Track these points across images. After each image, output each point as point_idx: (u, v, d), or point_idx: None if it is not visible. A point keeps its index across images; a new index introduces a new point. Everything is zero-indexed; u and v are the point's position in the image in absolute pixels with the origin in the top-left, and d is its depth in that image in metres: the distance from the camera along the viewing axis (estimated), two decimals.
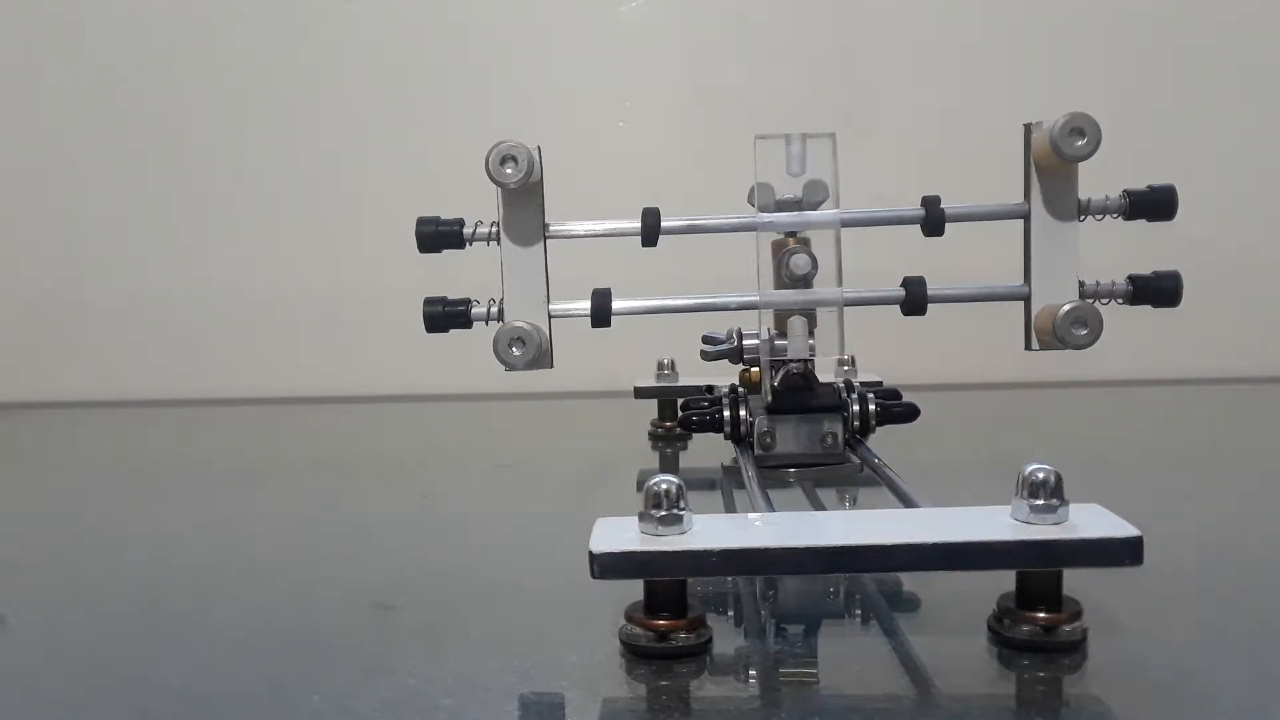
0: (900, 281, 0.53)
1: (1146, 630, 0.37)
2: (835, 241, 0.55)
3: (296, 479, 0.69)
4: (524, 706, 0.32)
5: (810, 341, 0.53)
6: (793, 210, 0.53)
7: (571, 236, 0.52)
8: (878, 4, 1.00)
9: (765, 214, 0.53)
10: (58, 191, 1.04)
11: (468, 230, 0.52)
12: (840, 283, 0.52)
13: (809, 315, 0.52)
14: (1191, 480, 0.63)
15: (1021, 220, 0.53)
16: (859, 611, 0.41)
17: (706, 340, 0.56)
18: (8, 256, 1.04)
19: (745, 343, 0.55)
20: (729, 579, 0.42)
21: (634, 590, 0.35)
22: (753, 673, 0.35)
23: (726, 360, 0.56)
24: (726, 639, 0.37)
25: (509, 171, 0.49)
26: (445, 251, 0.53)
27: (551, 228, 0.52)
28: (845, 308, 0.52)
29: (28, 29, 1.03)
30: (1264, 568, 0.46)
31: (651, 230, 0.52)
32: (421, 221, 0.52)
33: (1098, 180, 0.61)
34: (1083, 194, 0.54)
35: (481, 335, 1.04)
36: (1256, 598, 0.41)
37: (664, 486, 0.34)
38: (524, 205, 0.51)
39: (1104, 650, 0.35)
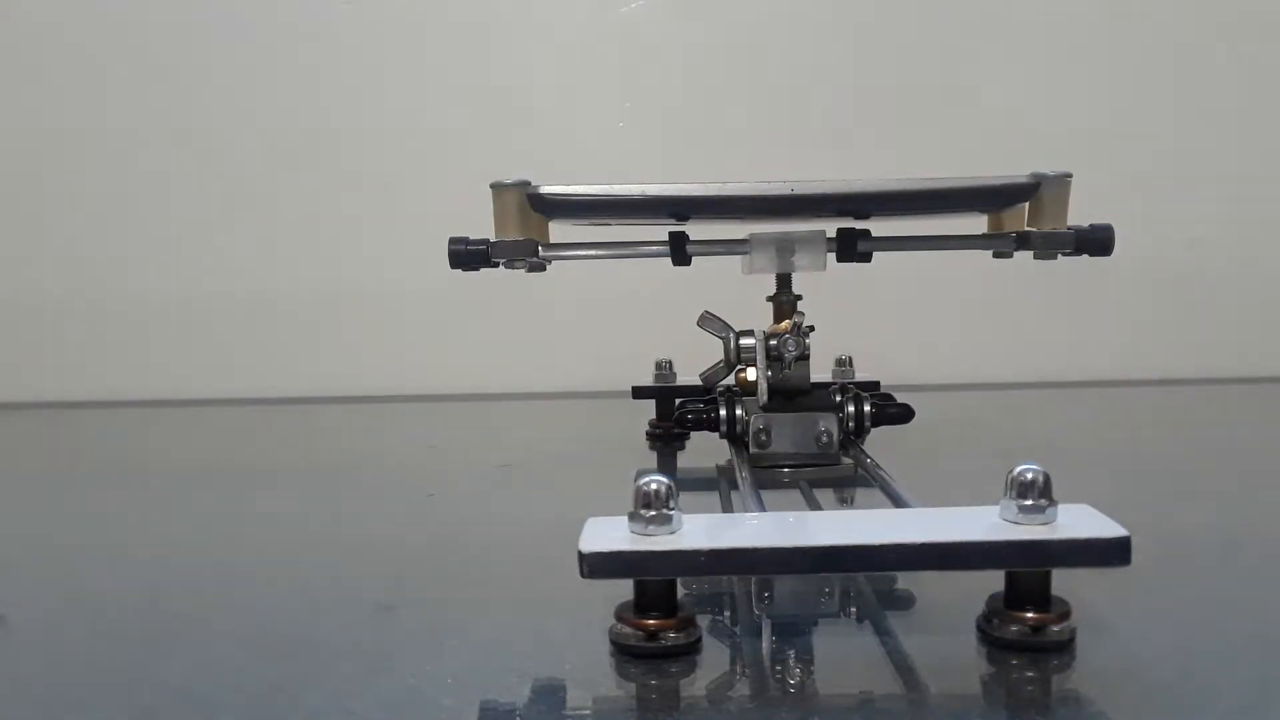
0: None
1: (1135, 631, 0.38)
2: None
3: (296, 479, 0.69)
4: (522, 706, 0.33)
5: (806, 341, 0.54)
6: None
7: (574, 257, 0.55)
8: (877, 5, 1.00)
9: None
10: (58, 192, 1.04)
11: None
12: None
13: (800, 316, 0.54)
14: (1189, 480, 0.63)
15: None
16: (848, 611, 0.41)
17: (706, 319, 0.56)
18: (8, 257, 1.05)
19: (742, 342, 0.55)
20: (722, 578, 0.43)
21: (630, 589, 0.36)
22: (742, 672, 0.35)
23: (723, 365, 0.57)
24: (717, 638, 0.37)
25: None
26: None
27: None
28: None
29: (28, 30, 1.03)
30: (1261, 568, 0.46)
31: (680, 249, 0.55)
32: (453, 241, 0.55)
33: (1099, 180, 0.61)
34: (1081, 196, 0.54)
35: (480, 336, 1.05)
36: (1251, 599, 0.41)
37: (653, 486, 0.34)
38: None
39: (1092, 650, 0.35)
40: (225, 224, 1.03)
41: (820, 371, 0.60)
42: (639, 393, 0.75)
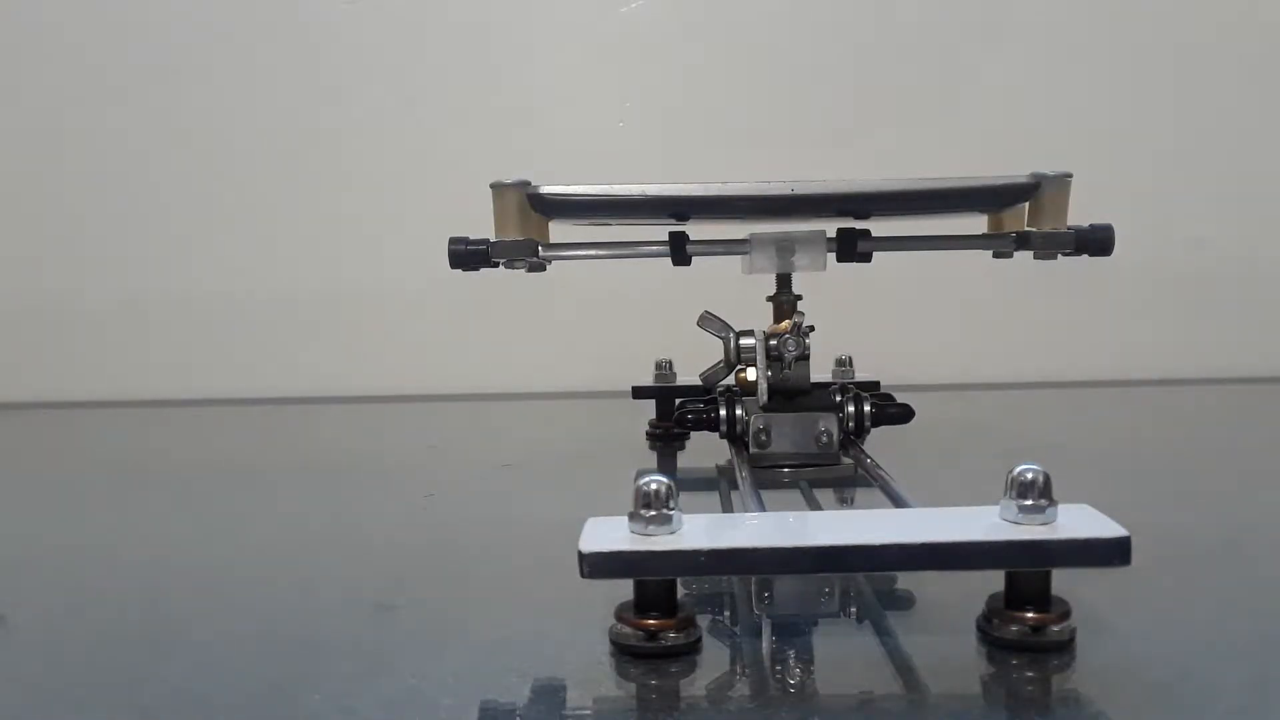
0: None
1: (1135, 631, 0.38)
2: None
3: (296, 479, 0.69)
4: (522, 706, 0.33)
5: (806, 341, 0.54)
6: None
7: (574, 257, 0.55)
8: (877, 5, 1.00)
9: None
10: (58, 192, 1.04)
11: None
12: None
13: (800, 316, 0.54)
14: (1189, 480, 0.63)
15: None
16: (848, 611, 0.41)
17: (706, 319, 0.56)
18: (8, 257, 1.05)
19: (742, 342, 0.55)
20: (722, 578, 0.43)
21: (630, 589, 0.36)
22: (742, 672, 0.35)
23: (723, 365, 0.57)
24: (717, 638, 0.37)
25: None
26: None
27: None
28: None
29: (27, 30, 1.03)
30: (1261, 568, 0.46)
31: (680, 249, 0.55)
32: (453, 241, 0.55)
33: (1099, 180, 0.61)
34: (1081, 196, 0.54)
35: (480, 336, 1.05)
36: (1251, 599, 0.41)
37: (654, 486, 0.34)
38: None
39: (1092, 650, 0.35)
40: (225, 224, 1.03)
41: (820, 371, 0.60)
42: (639, 393, 0.75)
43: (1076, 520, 0.34)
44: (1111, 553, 0.33)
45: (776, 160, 0.91)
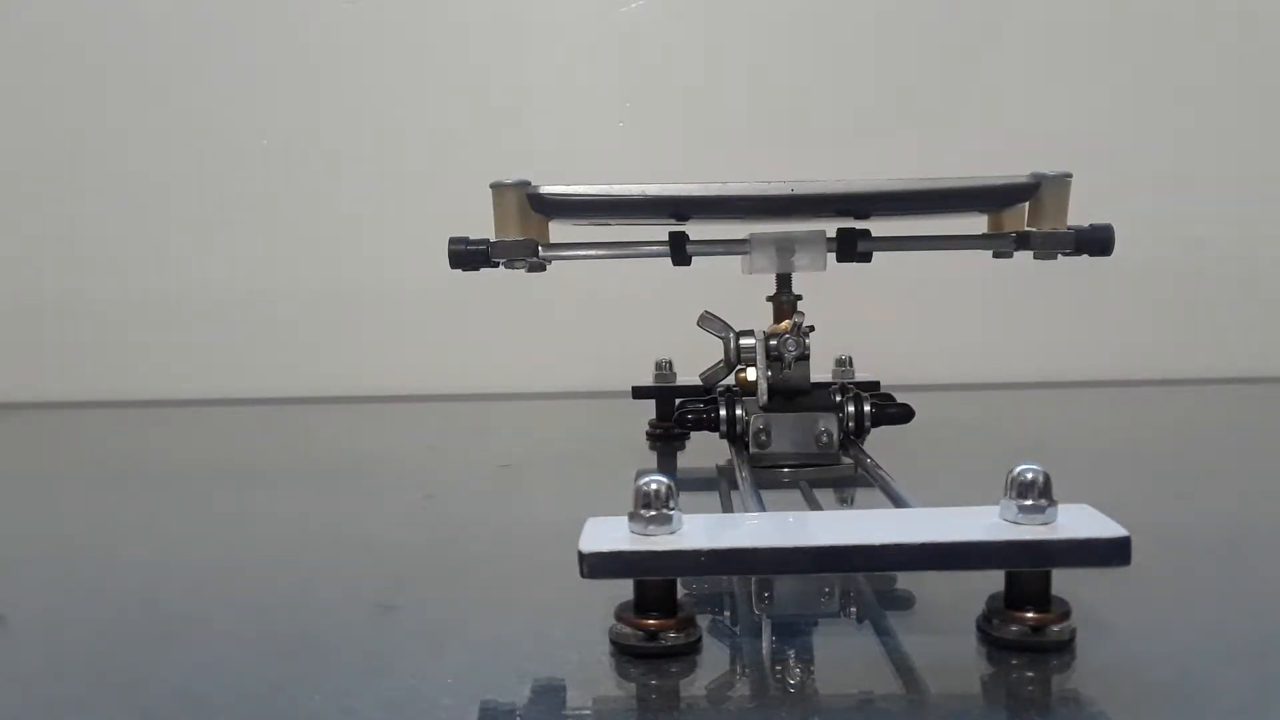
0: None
1: (1135, 631, 0.38)
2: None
3: (296, 479, 0.69)
4: (522, 706, 0.33)
5: (806, 341, 0.54)
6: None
7: (574, 257, 0.55)
8: (878, 6, 1.00)
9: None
10: (58, 192, 1.04)
11: None
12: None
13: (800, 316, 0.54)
14: (1189, 480, 0.63)
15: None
16: (848, 611, 0.41)
17: (706, 319, 0.56)
18: (8, 257, 1.05)
19: (742, 342, 0.55)
20: (722, 578, 0.43)
21: (630, 589, 0.36)
22: (742, 672, 0.35)
23: (723, 365, 0.57)
24: (717, 638, 0.37)
25: None
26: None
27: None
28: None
29: (28, 30, 1.03)
30: (1261, 568, 0.46)
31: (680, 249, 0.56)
32: (453, 241, 0.55)
33: (1099, 181, 0.61)
34: (1081, 196, 0.54)
35: (480, 336, 1.05)
36: (1251, 599, 0.41)
37: (653, 486, 0.34)
38: None
39: (1092, 650, 0.35)
40: (225, 224, 1.03)
41: (820, 371, 0.60)
42: (639, 393, 0.75)
43: (1076, 520, 0.34)
44: (1111, 553, 0.33)
45: (776, 160, 0.91)
